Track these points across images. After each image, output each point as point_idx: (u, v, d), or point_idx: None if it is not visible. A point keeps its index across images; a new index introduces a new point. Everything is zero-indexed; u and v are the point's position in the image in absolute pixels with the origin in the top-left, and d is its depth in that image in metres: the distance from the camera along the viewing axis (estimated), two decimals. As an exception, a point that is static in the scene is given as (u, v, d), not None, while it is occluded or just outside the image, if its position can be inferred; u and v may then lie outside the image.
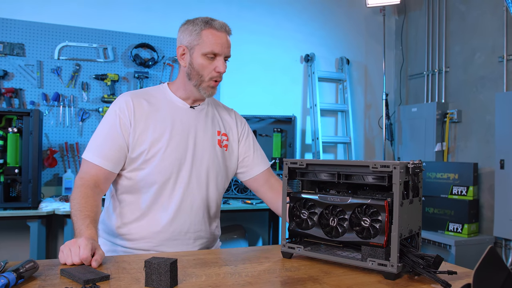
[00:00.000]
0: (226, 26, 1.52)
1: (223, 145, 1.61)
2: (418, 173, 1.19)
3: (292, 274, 1.13)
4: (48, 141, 3.24)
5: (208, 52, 1.46)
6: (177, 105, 1.55)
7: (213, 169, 1.56)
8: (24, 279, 1.00)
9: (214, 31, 1.48)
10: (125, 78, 3.46)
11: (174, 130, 1.50)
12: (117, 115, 1.48)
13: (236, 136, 1.66)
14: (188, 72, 1.51)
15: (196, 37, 1.47)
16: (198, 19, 1.50)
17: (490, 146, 3.38)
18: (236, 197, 3.32)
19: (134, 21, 3.49)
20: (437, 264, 1.07)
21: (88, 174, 1.44)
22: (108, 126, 1.48)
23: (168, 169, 1.48)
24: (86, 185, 1.41)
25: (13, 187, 2.75)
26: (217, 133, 1.60)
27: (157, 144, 1.48)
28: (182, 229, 1.51)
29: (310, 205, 1.26)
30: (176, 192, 1.50)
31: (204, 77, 1.49)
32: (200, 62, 1.47)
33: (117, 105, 1.50)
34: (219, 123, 1.63)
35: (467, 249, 3.13)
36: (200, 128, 1.56)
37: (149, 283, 0.99)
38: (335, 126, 4.24)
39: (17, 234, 3.14)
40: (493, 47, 3.41)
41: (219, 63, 1.48)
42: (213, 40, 1.46)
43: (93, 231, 1.28)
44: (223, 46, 1.48)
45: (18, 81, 3.17)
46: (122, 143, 1.46)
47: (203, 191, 1.54)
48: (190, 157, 1.52)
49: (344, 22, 4.25)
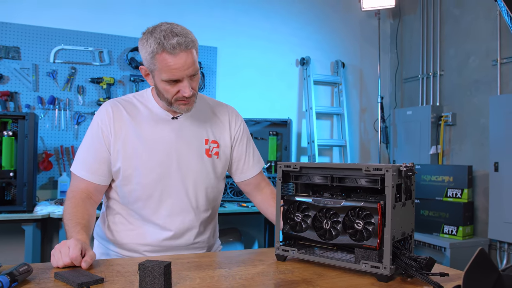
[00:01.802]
0: (181, 44, 1.29)
1: (213, 153, 1.52)
2: (410, 176, 1.20)
3: (286, 277, 1.13)
4: (44, 145, 3.23)
5: (166, 79, 1.33)
6: (159, 116, 1.47)
7: (202, 181, 1.50)
8: (18, 282, 1.00)
9: (167, 56, 1.30)
10: (121, 81, 3.46)
11: (154, 144, 1.43)
12: (99, 127, 1.44)
13: (228, 140, 1.57)
14: (157, 93, 1.42)
15: (152, 61, 1.33)
16: (152, 37, 1.31)
17: (485, 149, 3.40)
18: (232, 200, 3.33)
19: (130, 24, 3.50)
20: (429, 266, 1.08)
21: (78, 187, 1.43)
22: (91, 138, 1.45)
23: (150, 186, 1.43)
24: (77, 197, 1.40)
25: (8, 190, 2.74)
26: (205, 141, 1.51)
27: (136, 160, 1.42)
28: (173, 243, 1.48)
29: (304, 208, 1.27)
30: (163, 208, 1.45)
31: (170, 100, 1.38)
32: (163, 87, 1.36)
33: (99, 116, 1.45)
34: (207, 131, 1.52)
35: (462, 251, 3.14)
36: (183, 141, 1.47)
37: (143, 286, 0.99)
38: (331, 129, 4.25)
39: (12, 237, 3.12)
40: (487, 50, 3.44)
41: (182, 87, 1.35)
42: (168, 67, 1.31)
43: (84, 236, 1.27)
44: (181, 70, 1.31)
45: (13, 84, 3.17)
46: (106, 156, 1.43)
47: (193, 204, 1.49)
48: (174, 172, 1.45)
49: (340, 26, 4.27)
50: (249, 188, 1.65)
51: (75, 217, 1.33)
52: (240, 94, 3.79)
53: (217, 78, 3.72)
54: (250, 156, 1.63)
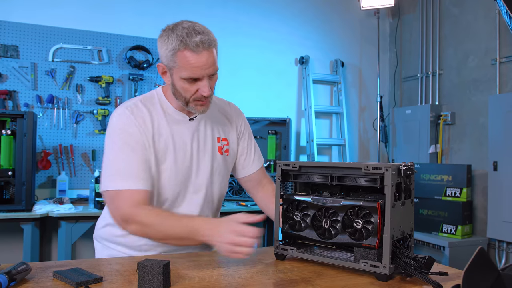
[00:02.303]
0: (204, 43, 1.28)
1: (224, 150, 1.54)
2: (410, 175, 1.20)
3: (285, 276, 1.13)
4: (42, 143, 3.23)
5: (187, 78, 1.30)
6: (176, 118, 1.44)
7: (216, 179, 1.52)
8: (16, 281, 0.99)
9: (190, 54, 1.27)
10: (120, 80, 3.46)
11: (177, 146, 1.41)
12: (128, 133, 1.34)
13: (235, 137, 1.60)
14: (173, 92, 1.38)
15: (172, 58, 1.30)
16: (174, 34, 1.30)
17: (483, 148, 3.40)
18: (231, 199, 3.32)
19: (129, 23, 3.49)
20: (428, 266, 1.08)
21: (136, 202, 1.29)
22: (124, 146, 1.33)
23: (174, 188, 1.42)
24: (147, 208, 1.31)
25: (6, 189, 2.74)
26: (217, 140, 1.52)
27: (163, 163, 1.39)
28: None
29: (303, 207, 1.27)
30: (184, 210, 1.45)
31: (188, 99, 1.35)
32: (181, 85, 1.33)
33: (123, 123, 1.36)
34: (218, 129, 1.54)
35: (460, 250, 3.15)
36: (201, 140, 1.47)
37: (142, 285, 0.99)
38: (330, 128, 4.25)
39: (10, 236, 3.12)
40: (486, 50, 3.44)
41: (201, 86, 1.32)
42: (190, 65, 1.28)
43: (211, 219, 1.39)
44: (202, 68, 1.29)
45: (12, 83, 3.16)
46: (148, 158, 1.35)
47: (210, 203, 1.51)
48: (194, 171, 1.45)
49: (339, 25, 4.27)
50: (251, 184, 1.66)
51: (179, 216, 1.34)
52: (239, 93, 3.78)
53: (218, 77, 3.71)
54: (252, 151, 1.64)
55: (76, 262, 1.22)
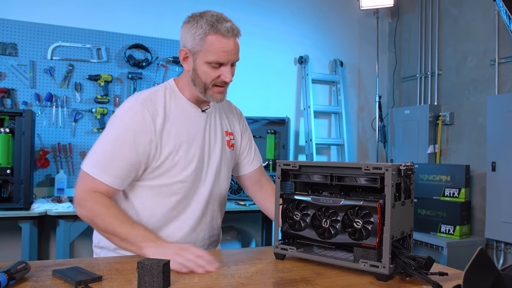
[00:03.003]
0: (234, 29, 1.34)
1: (231, 144, 1.57)
2: (410, 175, 1.20)
3: (285, 275, 1.13)
4: (41, 142, 3.22)
5: (212, 61, 1.33)
6: (189, 109, 1.45)
7: (225, 172, 1.54)
8: (16, 280, 0.99)
9: (220, 38, 1.32)
10: (119, 78, 3.45)
11: (190, 137, 1.43)
12: (133, 132, 1.34)
13: (239, 133, 1.63)
14: (192, 78, 1.39)
15: (200, 42, 1.33)
16: (203, 19, 1.34)
17: (482, 148, 3.41)
18: (230, 198, 3.32)
19: (128, 22, 3.48)
20: (428, 266, 1.08)
21: (97, 189, 1.34)
22: (119, 141, 1.35)
23: (189, 179, 1.43)
24: (102, 198, 1.33)
25: (4, 187, 2.73)
26: (225, 133, 1.55)
27: (176, 154, 1.40)
28: (204, 235, 1.50)
29: (303, 206, 1.27)
30: (197, 200, 1.46)
31: (208, 85, 1.37)
32: (204, 70, 1.35)
33: (132, 119, 1.35)
34: (226, 123, 1.57)
35: (459, 250, 3.15)
36: (212, 132, 1.50)
37: (142, 284, 0.99)
38: (329, 128, 4.25)
39: (8, 235, 3.11)
40: (485, 50, 3.44)
41: (224, 72, 1.36)
42: (219, 48, 1.32)
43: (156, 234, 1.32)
44: (229, 53, 1.34)
45: (10, 81, 3.15)
46: (134, 163, 1.35)
47: (218, 194, 1.53)
48: (206, 164, 1.47)
49: (338, 24, 4.27)
50: (250, 183, 1.67)
51: (125, 217, 1.32)
52: (238, 92, 3.77)
53: (215, 76, 3.71)
54: (252, 150, 1.67)
55: (75, 261, 1.22)
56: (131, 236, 1.25)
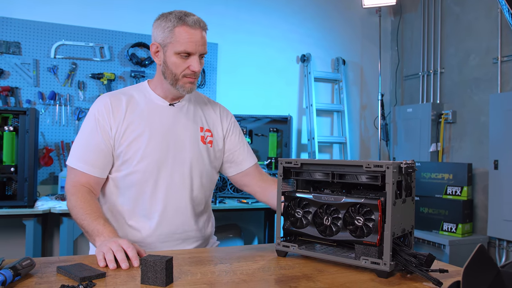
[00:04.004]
0: (200, 22, 1.44)
1: (207, 141, 1.57)
2: (411, 173, 1.20)
3: (286, 272, 1.14)
4: (44, 140, 3.24)
5: (181, 51, 1.41)
6: (156, 103, 1.52)
7: (197, 167, 1.53)
8: (21, 276, 1.01)
9: (187, 28, 1.41)
10: (122, 77, 3.46)
11: (153, 129, 1.48)
12: (96, 119, 1.46)
13: (221, 132, 1.63)
14: (163, 71, 1.46)
15: (169, 34, 1.41)
16: (172, 14, 1.44)
17: (484, 147, 3.41)
18: (232, 196, 3.33)
19: (131, 20, 3.49)
20: (429, 263, 1.09)
21: (78, 182, 1.43)
22: (89, 131, 1.46)
23: (147, 170, 1.46)
24: (82, 191, 1.41)
25: (9, 185, 2.75)
26: (200, 129, 1.56)
27: (135, 145, 1.45)
28: (169, 231, 1.49)
29: (305, 204, 1.28)
30: (158, 194, 1.47)
31: (178, 76, 1.44)
32: (173, 60, 1.42)
33: (95, 108, 1.48)
34: (202, 119, 1.59)
35: (461, 248, 3.15)
36: (180, 126, 1.52)
37: (145, 280, 1.00)
38: (331, 126, 4.26)
39: (13, 232, 3.13)
40: (488, 48, 3.44)
41: (193, 62, 1.42)
42: (186, 39, 1.40)
43: (112, 229, 1.31)
44: (197, 44, 1.42)
45: (14, 79, 3.17)
46: (104, 148, 1.45)
47: (187, 190, 1.51)
48: (171, 156, 1.49)
49: (340, 22, 4.27)
50: (248, 178, 1.66)
51: (91, 211, 1.35)
52: (240, 91, 3.79)
53: (218, 75, 3.72)
54: (245, 148, 1.68)
55: (79, 257, 1.23)
56: (90, 229, 1.31)
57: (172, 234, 1.50)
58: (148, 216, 1.48)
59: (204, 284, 1.02)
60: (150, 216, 1.48)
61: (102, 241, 1.23)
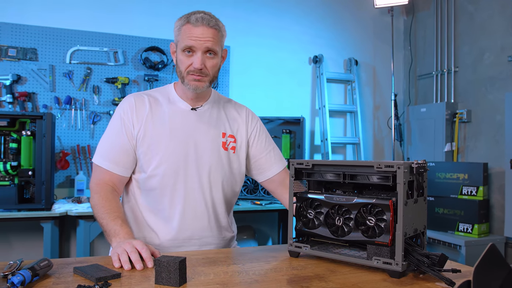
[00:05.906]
0: (204, 19, 1.43)
1: (230, 147, 1.56)
2: (422, 173, 1.20)
3: (299, 273, 1.15)
4: (61, 144, 3.29)
5: (184, 47, 1.44)
6: (179, 106, 1.53)
7: (217, 173, 1.52)
8: (39, 276, 1.03)
9: (190, 25, 1.43)
10: (135, 81, 3.51)
11: (173, 134, 1.49)
12: (121, 118, 1.50)
13: (245, 137, 1.61)
14: (176, 70, 1.51)
15: (178, 33, 1.47)
16: (184, 15, 1.47)
17: (500, 146, 3.36)
18: (246, 198, 3.35)
19: (144, 25, 3.54)
20: (441, 263, 1.08)
21: (102, 180, 1.46)
22: (114, 130, 1.50)
23: (166, 174, 1.47)
24: (105, 189, 1.43)
25: (27, 189, 2.81)
26: (222, 135, 1.55)
27: (155, 148, 1.47)
28: (187, 236, 1.50)
29: (317, 205, 1.28)
30: (176, 198, 1.48)
31: (183, 73, 1.46)
32: (180, 58, 1.47)
33: (121, 107, 1.52)
34: (225, 125, 1.58)
35: (477, 249, 3.12)
36: (201, 131, 1.52)
37: (159, 281, 1.02)
38: (344, 127, 4.24)
39: (31, 234, 3.20)
40: (502, 47, 3.40)
41: (194, 59, 1.44)
42: (188, 35, 1.43)
43: (129, 230, 1.33)
44: (198, 40, 1.42)
45: (31, 85, 3.24)
46: (128, 147, 1.48)
47: (207, 196, 1.51)
48: (191, 161, 1.49)
49: (352, 23, 4.26)
50: (274, 185, 1.64)
51: (111, 211, 1.37)
52: (253, 93, 3.80)
53: (230, 77, 3.75)
54: (271, 154, 1.65)
55: (95, 258, 1.25)
56: (108, 228, 1.34)
57: (189, 239, 1.51)
58: (166, 220, 1.49)
59: (217, 284, 1.03)
60: (168, 220, 1.49)
61: (117, 242, 1.25)
